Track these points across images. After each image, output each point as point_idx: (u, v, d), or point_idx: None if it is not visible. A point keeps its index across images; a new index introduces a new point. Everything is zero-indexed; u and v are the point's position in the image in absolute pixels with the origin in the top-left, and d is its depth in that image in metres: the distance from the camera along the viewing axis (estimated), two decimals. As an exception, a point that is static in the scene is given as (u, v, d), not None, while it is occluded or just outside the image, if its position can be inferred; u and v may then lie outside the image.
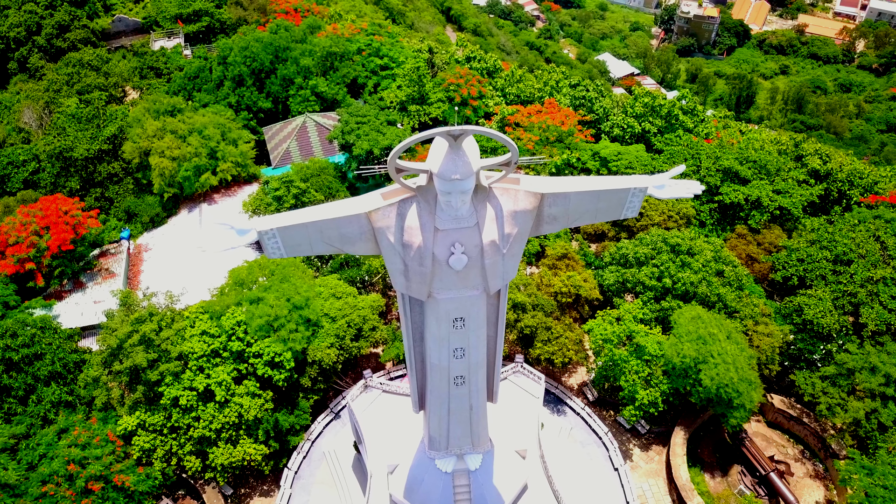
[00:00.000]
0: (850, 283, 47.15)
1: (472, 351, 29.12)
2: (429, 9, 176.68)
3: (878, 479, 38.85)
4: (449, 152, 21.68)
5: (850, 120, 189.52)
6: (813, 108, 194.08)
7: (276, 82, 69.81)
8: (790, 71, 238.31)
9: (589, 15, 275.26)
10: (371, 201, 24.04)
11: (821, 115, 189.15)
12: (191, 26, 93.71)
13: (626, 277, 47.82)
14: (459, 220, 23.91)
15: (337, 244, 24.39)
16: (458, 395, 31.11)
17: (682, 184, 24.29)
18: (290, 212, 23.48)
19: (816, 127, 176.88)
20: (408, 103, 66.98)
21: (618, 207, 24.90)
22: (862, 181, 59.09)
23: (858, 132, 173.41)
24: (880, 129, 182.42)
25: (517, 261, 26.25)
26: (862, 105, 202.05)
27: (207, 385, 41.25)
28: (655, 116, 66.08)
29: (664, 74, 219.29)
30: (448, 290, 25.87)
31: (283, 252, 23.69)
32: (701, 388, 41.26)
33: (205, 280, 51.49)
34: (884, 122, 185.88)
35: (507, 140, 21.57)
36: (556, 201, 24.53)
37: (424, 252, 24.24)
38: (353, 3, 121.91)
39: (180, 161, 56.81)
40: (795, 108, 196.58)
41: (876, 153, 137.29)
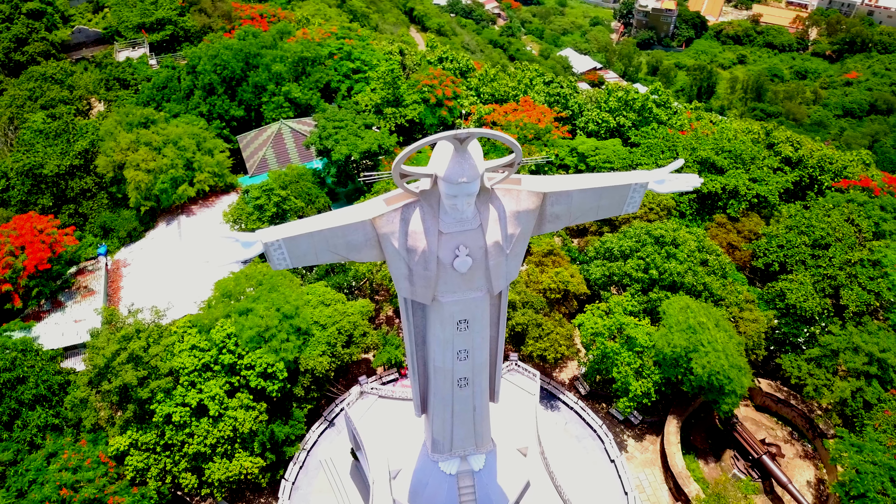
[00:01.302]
0: (829, 266, 48.30)
1: (476, 352, 29.18)
2: (392, 10, 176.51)
3: (867, 456, 39.85)
4: (455, 156, 21.67)
5: (808, 106, 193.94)
6: (772, 95, 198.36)
7: (248, 90, 68.99)
8: (747, 60, 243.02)
9: (549, 11, 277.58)
10: (375, 207, 23.91)
11: (779, 102, 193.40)
12: (155, 35, 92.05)
13: (612, 271, 48.29)
14: (463, 223, 23.91)
15: (343, 252, 24.23)
16: (461, 396, 31.15)
17: (682, 177, 24.65)
18: (294, 222, 23.24)
19: (776, 114, 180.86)
20: (383, 106, 66.70)
21: (619, 204, 25.18)
22: (832, 166, 60.55)
23: (817, 118, 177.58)
24: (837, 115, 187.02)
25: (520, 260, 26.37)
26: (818, 91, 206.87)
27: (200, 400, 40.64)
28: (629, 110, 66.85)
29: (626, 68, 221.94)
30: (452, 292, 25.87)
31: (288, 263, 23.45)
32: (693, 377, 41.88)
33: (189, 293, 50.79)
34: (840, 107, 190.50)
35: (511, 141, 21.67)
36: (559, 200, 24.70)
37: (429, 256, 24.21)
38: (317, 6, 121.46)
39: (156, 173, 55.79)
40: (755, 97, 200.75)
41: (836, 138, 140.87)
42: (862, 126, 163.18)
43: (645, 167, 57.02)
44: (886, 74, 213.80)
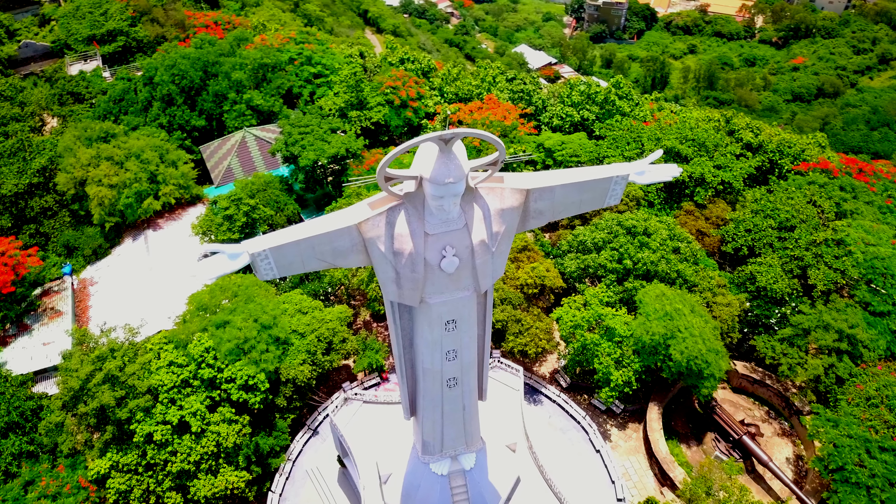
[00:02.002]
0: (796, 247, 49.57)
1: (464, 352, 29.22)
2: (346, 13, 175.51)
3: (843, 430, 41.08)
4: (440, 157, 21.64)
5: (759, 92, 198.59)
6: (723, 83, 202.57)
7: (209, 99, 67.89)
8: (698, 50, 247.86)
9: (502, 8, 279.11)
10: (359, 212, 23.75)
11: (731, 89, 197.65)
12: (107, 47, 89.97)
13: (587, 263, 48.80)
14: (449, 223, 23.91)
15: (329, 259, 23.99)
16: (451, 397, 31.15)
17: (661, 168, 25.05)
18: (280, 231, 22.96)
19: (729, 102, 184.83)
20: (347, 109, 66.28)
21: (601, 197, 25.43)
22: (791, 150, 62.10)
23: (768, 103, 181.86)
24: (787, 99, 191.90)
25: (505, 258, 26.46)
26: (767, 77, 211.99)
27: (181, 417, 39.83)
28: (592, 104, 67.60)
29: (581, 62, 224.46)
30: (440, 293, 25.85)
31: (275, 273, 23.13)
32: (672, 363, 42.54)
33: (162, 309, 49.86)
34: (789, 92, 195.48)
35: (495, 139, 21.74)
36: (542, 196, 24.83)
37: (416, 258, 24.14)
38: (271, 12, 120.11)
39: (120, 188, 54.53)
40: (707, 85, 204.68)
41: (788, 122, 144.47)
42: (812, 109, 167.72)
43: (612, 159, 57.75)
44: (831, 58, 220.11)
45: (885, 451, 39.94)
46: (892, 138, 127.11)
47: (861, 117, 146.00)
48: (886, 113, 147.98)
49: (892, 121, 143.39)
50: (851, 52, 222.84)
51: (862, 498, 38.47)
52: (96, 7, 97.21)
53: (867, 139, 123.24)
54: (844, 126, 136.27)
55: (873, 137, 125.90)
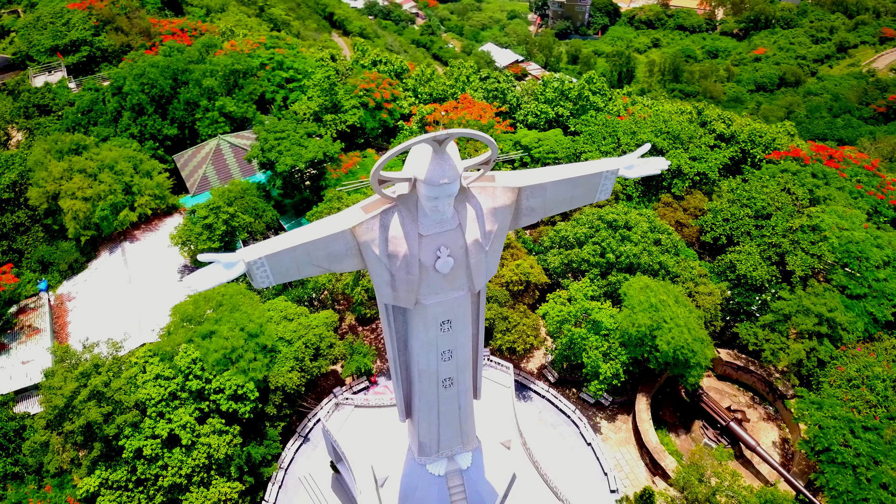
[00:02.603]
0: (773, 234, 50.50)
1: (460, 351, 29.28)
2: (312, 16, 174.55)
3: (827, 412, 41.93)
4: (434, 158, 21.66)
5: (723, 83, 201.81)
6: (688, 76, 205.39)
7: (180, 107, 66.97)
8: (661, 43, 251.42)
9: (466, 7, 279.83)
10: (353, 216, 23.69)
11: (696, 81, 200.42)
12: (71, 58, 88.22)
13: (570, 258, 49.17)
14: (443, 224, 23.97)
15: (324, 264, 23.90)
16: (447, 397, 31.19)
17: (650, 161, 25.40)
18: (274, 238, 22.81)
19: (694, 94, 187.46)
20: (322, 113, 65.89)
21: (592, 192, 25.70)
22: (762, 139, 63.18)
23: (733, 94, 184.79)
24: (750, 90, 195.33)
25: (498, 256, 26.58)
26: (731, 68, 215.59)
27: (171, 430, 39.32)
28: (566, 100, 68.07)
29: (547, 58, 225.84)
30: (435, 294, 25.88)
31: (271, 280, 22.96)
32: (658, 353, 43.01)
33: (145, 321, 49.17)
34: (752, 82, 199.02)
35: (487, 138, 21.87)
36: (534, 193, 24.99)
37: (411, 260, 24.15)
38: (237, 17, 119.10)
39: (94, 201, 53.54)
40: (672, 78, 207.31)
41: (754, 112, 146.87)
42: (776, 99, 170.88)
43: (588, 154, 58.26)
44: (791, 48, 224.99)
45: (869, 430, 40.85)
46: (856, 125, 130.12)
47: (823, 105, 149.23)
48: (847, 100, 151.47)
49: (854, 108, 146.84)
50: (810, 41, 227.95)
51: (848, 477, 39.29)
52: (58, 17, 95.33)
53: (831, 126, 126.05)
54: (808, 114, 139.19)
55: (837, 125, 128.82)
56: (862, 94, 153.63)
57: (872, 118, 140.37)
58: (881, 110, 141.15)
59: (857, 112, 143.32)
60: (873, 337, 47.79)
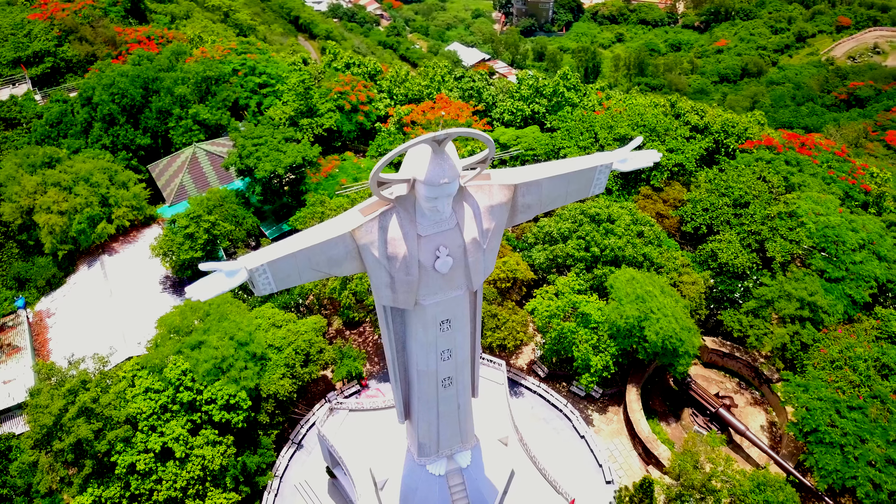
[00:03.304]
0: (752, 222, 51.43)
1: (458, 350, 29.35)
2: (277, 20, 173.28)
3: (813, 394, 42.80)
4: (434, 158, 21.69)
5: (688, 76, 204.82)
6: (653, 69, 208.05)
7: (152, 116, 65.94)
8: (625, 38, 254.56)
9: (431, 8, 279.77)
10: (351, 219, 23.62)
11: (661, 75, 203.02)
12: (35, 69, 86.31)
13: (555, 254, 49.52)
14: (441, 224, 24.01)
15: (325, 268, 23.79)
16: (446, 396, 31.24)
17: (642, 154, 25.65)
18: (275, 244, 22.64)
19: (659, 87, 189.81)
20: (297, 118, 65.42)
21: (586, 187, 25.90)
22: (734, 129, 64.23)
23: (698, 86, 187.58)
24: (714, 81, 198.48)
25: (495, 254, 26.68)
26: (694, 61, 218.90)
27: (163, 443, 38.83)
28: (541, 97, 68.50)
29: (514, 56, 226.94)
30: (434, 294, 25.91)
31: (273, 287, 22.79)
32: (647, 344, 43.53)
33: (130, 335, 48.47)
34: (716, 73, 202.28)
35: (485, 137, 21.97)
36: (529, 190, 25.14)
37: (410, 261, 24.14)
38: (203, 24, 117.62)
39: (70, 214, 52.52)
40: (638, 72, 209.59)
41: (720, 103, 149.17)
42: (741, 89, 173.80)
43: (567, 150, 58.69)
44: (751, 39, 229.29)
45: (854, 409, 41.80)
46: (820, 112, 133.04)
47: (787, 94, 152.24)
48: (809, 89, 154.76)
49: (816, 96, 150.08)
50: (770, 32, 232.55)
51: (836, 456, 40.17)
52: (18, 28, 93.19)
53: (796, 115, 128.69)
54: (773, 104, 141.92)
55: (802, 113, 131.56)
56: (823, 83, 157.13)
57: (834, 105, 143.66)
58: (842, 97, 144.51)
59: (820, 100, 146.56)
60: (853, 319, 48.92)
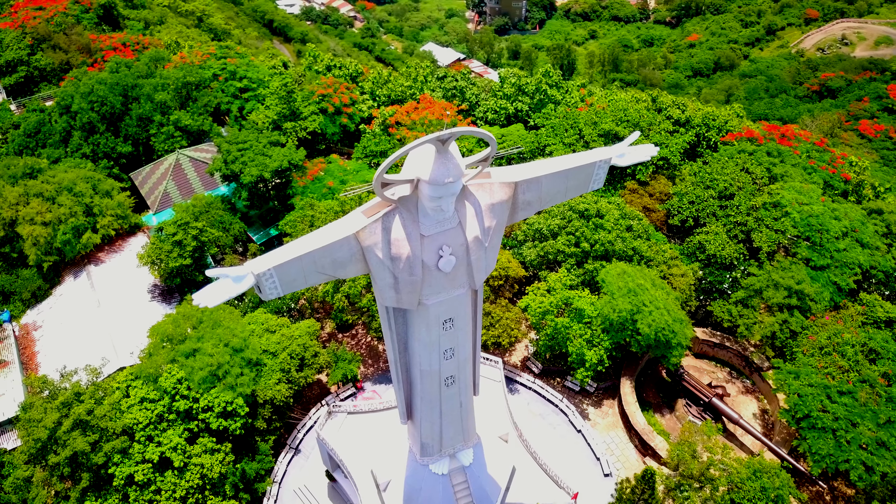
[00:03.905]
0: (738, 213, 52.15)
1: (460, 349, 29.48)
2: (251, 24, 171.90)
3: (804, 380, 43.53)
4: (438, 158, 21.80)
5: (661, 71, 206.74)
6: (627, 65, 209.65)
7: (133, 123, 65.15)
8: (598, 35, 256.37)
9: (404, 8, 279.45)
10: (355, 221, 23.65)
11: (635, 70, 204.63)
12: (8, 79, 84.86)
13: (546, 250, 49.82)
14: (443, 223, 24.14)
15: (329, 271, 23.79)
16: (448, 395, 31.36)
17: (639, 149, 25.94)
18: (280, 248, 22.58)
19: (634, 82, 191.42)
20: (281, 121, 65.04)
21: (585, 182, 26.16)
22: (715, 123, 65.06)
23: (672, 81, 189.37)
24: (688, 76, 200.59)
25: (496, 252, 26.86)
26: (667, 56, 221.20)
27: (161, 453, 38.50)
28: (524, 95, 68.84)
29: (489, 55, 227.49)
30: (437, 294, 26.04)
31: (279, 291, 22.74)
32: (641, 336, 43.97)
33: (120, 345, 47.86)
34: (689, 68, 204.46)
35: (488, 135, 22.18)
36: (530, 187, 25.35)
37: (413, 261, 24.24)
38: (178, 29, 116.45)
39: (55, 225, 51.77)
40: (612, 68, 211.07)
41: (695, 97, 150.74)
42: (715, 83, 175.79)
43: (552, 147, 59.03)
44: (723, 33, 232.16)
45: (844, 394, 42.57)
46: (794, 104, 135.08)
47: (760, 87, 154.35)
48: (782, 81, 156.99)
49: (788, 88, 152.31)
50: (740, 25, 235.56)
51: (829, 441, 40.87)
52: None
53: (771, 106, 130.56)
54: (748, 96, 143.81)
55: (776, 104, 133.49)
56: (795, 74, 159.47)
57: (807, 97, 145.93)
58: (814, 89, 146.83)
59: (793, 91, 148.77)
60: (839, 305, 49.79)
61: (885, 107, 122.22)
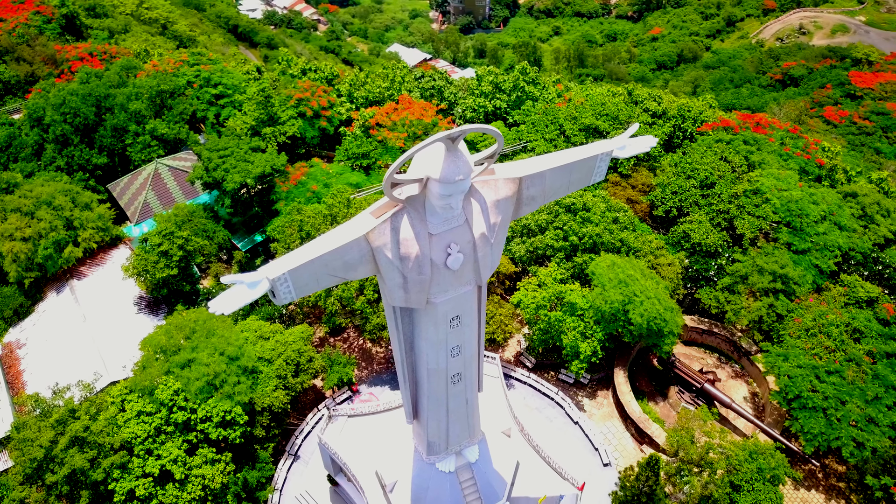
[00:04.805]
0: (720, 202, 53.13)
1: (467, 346, 29.62)
2: (216, 30, 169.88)
3: (793, 362, 44.55)
4: (448, 156, 21.90)
5: (626, 65, 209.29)
6: (593, 60, 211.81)
7: (108, 134, 64.01)
8: (562, 31, 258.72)
9: (367, 10, 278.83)
10: (364, 223, 23.65)
11: (601, 65, 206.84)
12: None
13: (535, 245, 50.20)
14: (450, 221, 24.25)
15: (341, 273, 23.77)
16: (455, 393, 31.47)
17: (639, 140, 26.34)
18: (290, 253, 22.49)
19: (601, 77, 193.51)
20: (259, 127, 64.47)
21: (588, 175, 26.51)
22: (690, 114, 66.13)
23: (638, 74, 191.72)
24: (653, 69, 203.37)
25: (501, 248, 27.04)
26: (632, 50, 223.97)
27: (161, 466, 38.04)
28: (501, 92, 69.21)
29: (455, 54, 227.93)
30: (445, 291, 26.16)
31: (293, 295, 22.65)
32: (633, 326, 44.53)
33: (109, 359, 47.06)
34: (653, 61, 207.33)
35: (495, 131, 22.27)
36: (534, 182, 25.57)
37: (423, 260, 24.32)
38: (143, 37, 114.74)
39: (35, 240, 50.71)
40: (578, 64, 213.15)
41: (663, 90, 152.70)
42: (681, 75, 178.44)
43: (534, 143, 59.46)
44: (684, 26, 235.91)
45: (832, 373, 43.66)
46: (760, 93, 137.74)
47: (725, 77, 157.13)
48: (746, 71, 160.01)
49: (752, 77, 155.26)
50: (700, 18, 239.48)
51: (820, 420, 41.89)
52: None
53: (738, 97, 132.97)
54: (713, 87, 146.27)
55: (743, 94, 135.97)
56: (758, 64, 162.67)
57: (770, 86, 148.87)
58: (777, 78, 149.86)
59: (756, 81, 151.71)
60: (821, 288, 51.00)
61: (848, 93, 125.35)
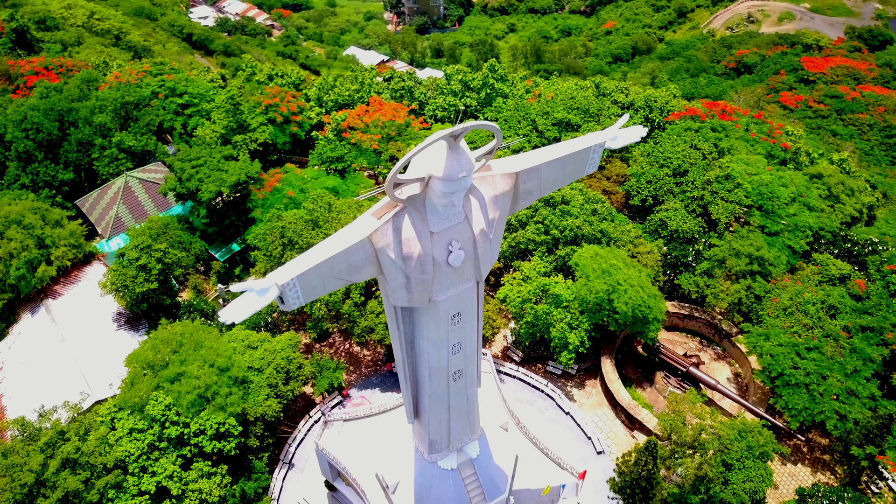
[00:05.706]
0: (693, 189, 54.26)
1: (468, 342, 29.83)
2: (171, 39, 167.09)
3: (774, 341, 45.81)
4: (451, 153, 22.07)
5: (583, 59, 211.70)
6: (549, 55, 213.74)
7: (72, 149, 62.48)
8: (517, 28, 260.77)
9: (321, 14, 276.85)
10: (367, 224, 23.70)
11: (558, 60, 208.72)
12: (-78, 113, 79.90)
13: (516, 240, 50.63)
14: (451, 219, 24.44)
15: (345, 276, 23.77)
16: (456, 390, 31.65)
17: (630, 131, 26.90)
18: (297, 258, 22.41)
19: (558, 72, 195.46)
20: (229, 135, 63.64)
21: (582, 167, 26.93)
22: (657, 104, 67.36)
23: (595, 68, 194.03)
24: (609, 62, 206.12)
25: (500, 243, 27.34)
26: (587, 44, 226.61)
27: (157, 483, 37.40)
28: (470, 91, 69.53)
29: (412, 55, 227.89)
30: (446, 289, 26.34)
31: (301, 300, 22.57)
32: (618, 315, 45.25)
33: (92, 378, 46.05)
34: (609, 54, 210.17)
35: (495, 127, 22.55)
36: (530, 177, 25.91)
37: (425, 259, 24.46)
38: (97, 49, 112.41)
39: (6, 261, 49.33)
40: (535, 59, 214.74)
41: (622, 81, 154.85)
42: (638, 67, 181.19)
43: (508, 140, 59.89)
44: (636, 19, 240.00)
45: (811, 350, 45.01)
46: (717, 82, 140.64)
47: (681, 68, 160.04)
48: (700, 61, 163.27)
49: (707, 66, 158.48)
50: (652, 10, 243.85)
51: (803, 395, 43.15)
52: None
53: (696, 86, 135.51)
54: (671, 77, 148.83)
55: (701, 83, 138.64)
56: (712, 53, 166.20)
57: (725, 74, 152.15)
58: (731, 66, 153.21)
59: (712, 70, 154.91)
60: (795, 267, 52.48)
61: (802, 78, 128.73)
